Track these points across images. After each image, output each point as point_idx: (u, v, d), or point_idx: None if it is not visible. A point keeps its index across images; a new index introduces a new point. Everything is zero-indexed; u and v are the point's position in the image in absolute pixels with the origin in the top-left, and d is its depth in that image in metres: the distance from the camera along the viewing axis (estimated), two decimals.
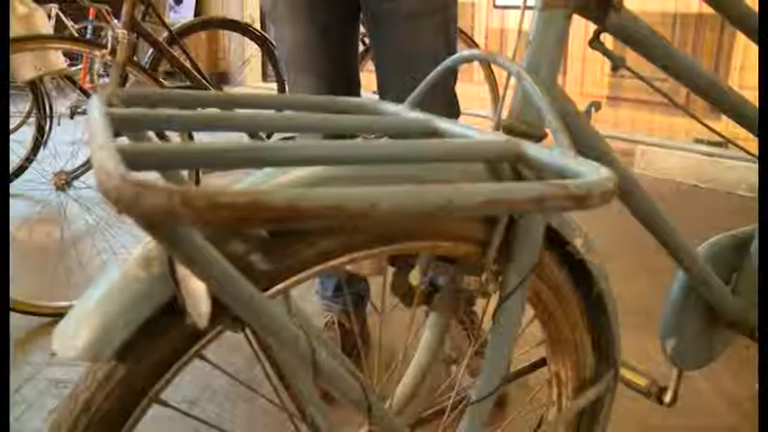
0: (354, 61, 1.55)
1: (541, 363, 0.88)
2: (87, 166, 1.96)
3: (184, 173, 1.92)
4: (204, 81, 2.46)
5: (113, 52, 1.94)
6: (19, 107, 3.48)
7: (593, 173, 0.50)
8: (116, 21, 3.93)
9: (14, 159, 3.00)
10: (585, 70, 4.01)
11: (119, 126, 0.55)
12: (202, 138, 2.73)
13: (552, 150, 0.56)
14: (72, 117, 3.43)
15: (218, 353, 1.68)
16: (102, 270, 1.88)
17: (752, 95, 1.00)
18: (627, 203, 0.86)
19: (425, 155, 0.53)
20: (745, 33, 0.94)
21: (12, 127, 3.44)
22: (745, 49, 3.39)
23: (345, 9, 1.45)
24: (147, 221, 0.33)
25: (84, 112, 3.46)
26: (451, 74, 1.42)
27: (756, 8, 0.91)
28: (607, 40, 0.79)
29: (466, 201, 0.40)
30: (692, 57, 0.86)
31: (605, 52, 0.77)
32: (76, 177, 1.95)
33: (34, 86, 3.10)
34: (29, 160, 3.05)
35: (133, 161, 0.44)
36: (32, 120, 3.22)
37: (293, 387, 0.67)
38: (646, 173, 3.58)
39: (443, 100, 1.42)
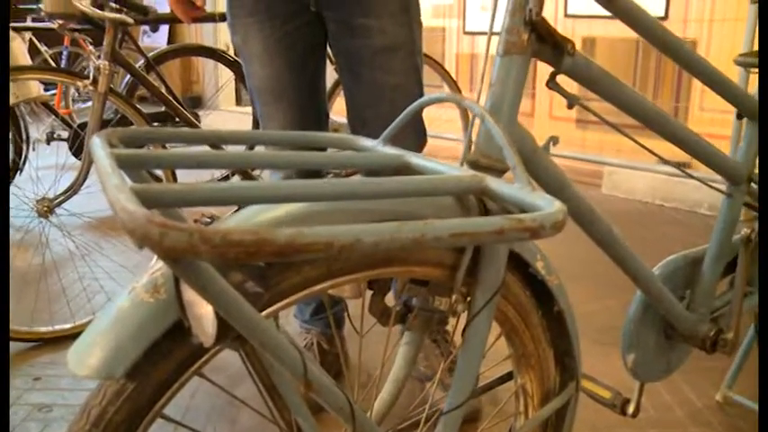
0: (323, 92, 1.62)
1: (508, 376, 0.95)
2: (70, 192, 1.99)
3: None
4: (179, 107, 2.51)
5: (95, 82, 1.99)
6: None
7: (547, 206, 0.57)
8: (92, 47, 3.96)
9: None
10: (554, 95, 4.12)
11: (123, 165, 0.62)
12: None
13: (512, 185, 0.64)
14: (48, 143, 3.45)
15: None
16: (110, 296, 1.90)
17: (713, 117, 1.10)
18: (586, 229, 0.94)
19: (399, 191, 0.61)
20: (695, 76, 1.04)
21: None
22: None
23: (314, 44, 1.52)
24: (168, 255, 0.40)
25: (60, 138, 3.48)
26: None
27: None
28: None
29: (436, 234, 0.47)
30: (654, 80, 0.95)
31: (561, 92, 0.85)
32: (59, 204, 1.97)
33: (12, 112, 3.13)
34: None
35: (147, 201, 0.50)
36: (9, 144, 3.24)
37: (280, 401, 0.73)
38: (613, 193, 3.69)
39: (412, 128, 1.49)
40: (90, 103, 2.04)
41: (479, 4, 4.53)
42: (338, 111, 1.67)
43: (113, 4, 2.23)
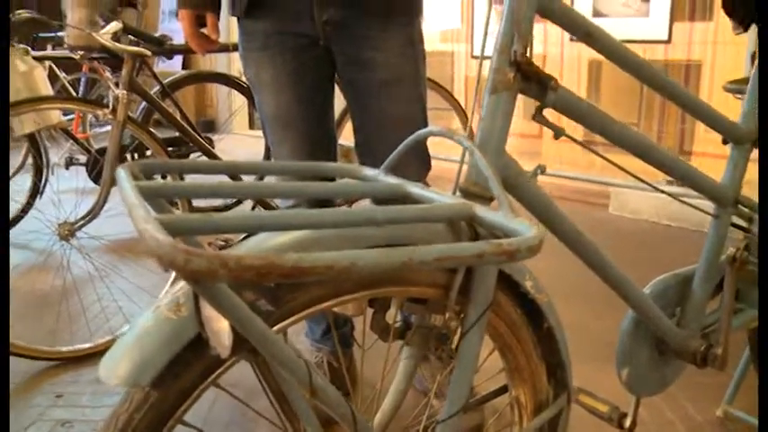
0: (331, 120, 1.69)
1: (503, 389, 1.01)
2: (90, 216, 2.07)
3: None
4: (193, 132, 2.58)
5: (114, 111, 2.07)
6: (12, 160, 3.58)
7: (525, 231, 0.64)
8: (109, 74, 4.06)
9: (13, 206, 3.10)
10: (560, 117, 4.20)
11: (145, 196, 0.69)
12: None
13: (497, 212, 0.71)
14: (67, 168, 3.54)
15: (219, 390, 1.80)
16: (128, 316, 1.96)
17: (718, 138, 1.17)
18: (572, 249, 1.00)
19: (395, 218, 0.68)
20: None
21: None
22: (709, 100, 3.59)
23: (322, 77, 1.60)
24: (191, 278, 0.47)
25: (78, 162, 3.58)
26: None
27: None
28: None
29: (422, 258, 0.54)
30: (661, 102, 1.02)
31: (546, 124, 0.92)
32: (80, 228, 2.05)
33: (32, 137, 3.23)
34: (29, 204, 3.17)
35: (171, 230, 0.58)
36: (29, 168, 3.33)
37: (290, 410, 0.80)
38: (620, 214, 3.73)
39: (416, 156, 1.57)
40: (107, 128, 2.12)
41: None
42: (348, 135, 1.74)
43: (131, 37, 2.32)
